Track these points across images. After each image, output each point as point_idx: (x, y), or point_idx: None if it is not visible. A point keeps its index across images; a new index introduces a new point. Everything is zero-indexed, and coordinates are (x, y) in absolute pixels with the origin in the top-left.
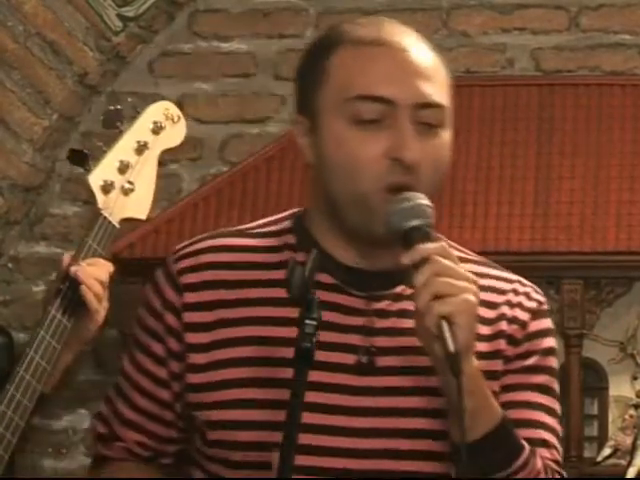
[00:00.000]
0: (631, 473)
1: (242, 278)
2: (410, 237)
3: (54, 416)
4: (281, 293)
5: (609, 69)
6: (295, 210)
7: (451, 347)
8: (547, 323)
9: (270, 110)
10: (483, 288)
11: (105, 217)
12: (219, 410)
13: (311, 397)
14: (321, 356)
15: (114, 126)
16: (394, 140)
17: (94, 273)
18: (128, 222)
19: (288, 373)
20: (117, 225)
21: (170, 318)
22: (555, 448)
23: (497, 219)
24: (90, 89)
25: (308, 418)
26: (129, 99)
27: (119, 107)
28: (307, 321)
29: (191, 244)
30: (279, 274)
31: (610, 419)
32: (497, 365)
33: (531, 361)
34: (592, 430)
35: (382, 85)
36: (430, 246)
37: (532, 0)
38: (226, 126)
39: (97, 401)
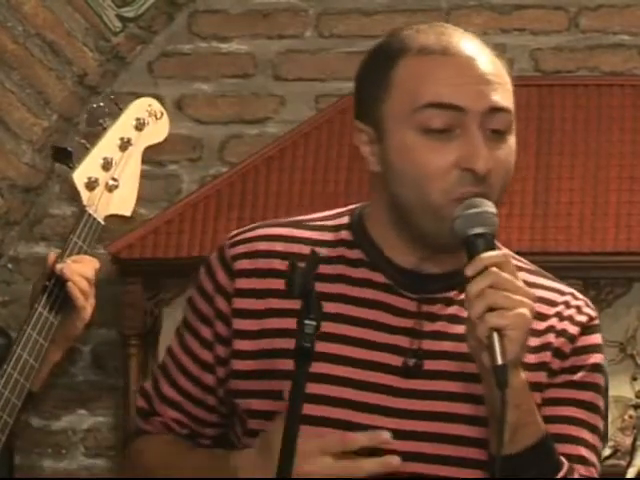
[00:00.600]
0: (631, 474)
1: None
2: (472, 244)
3: (53, 417)
4: (330, 288)
5: (608, 69)
6: (354, 206)
7: (499, 359)
8: (597, 339)
9: (269, 111)
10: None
11: (90, 214)
12: (262, 400)
13: (354, 396)
14: (367, 355)
15: (97, 123)
16: (465, 149)
17: (80, 270)
18: (113, 218)
19: (330, 369)
20: (102, 222)
21: (221, 302)
22: (593, 466)
23: None
24: (90, 90)
25: (350, 416)
26: (111, 96)
27: (102, 104)
28: (307, 321)
29: (247, 231)
30: (330, 269)
31: (610, 420)
32: (541, 377)
33: (577, 376)
34: None
35: (452, 92)
36: (490, 256)
37: (531, 1)
38: (225, 127)
39: (96, 401)
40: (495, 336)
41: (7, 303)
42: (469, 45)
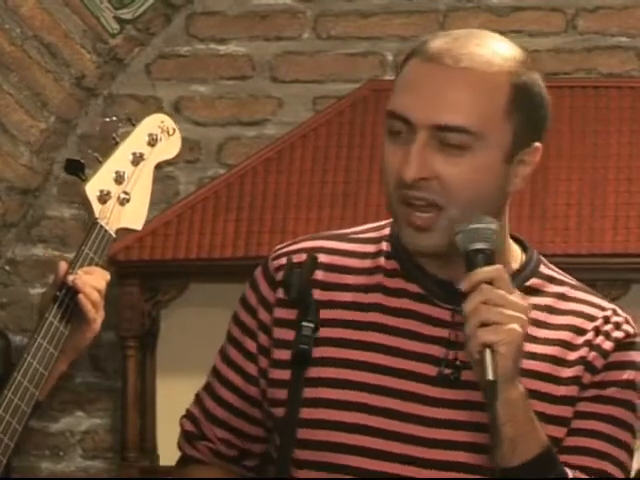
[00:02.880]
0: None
1: (335, 281)
2: (471, 260)
3: (51, 418)
4: (371, 298)
5: (606, 71)
6: None
7: (489, 375)
8: (632, 356)
9: (267, 112)
10: (574, 313)
11: (102, 226)
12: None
13: (388, 403)
14: (402, 364)
15: (110, 137)
16: (402, 156)
17: (91, 281)
18: (124, 232)
19: (366, 377)
20: (114, 235)
21: (262, 313)
22: None
23: None
24: (87, 91)
25: (386, 424)
26: (126, 112)
27: (114, 118)
28: (304, 323)
29: (292, 244)
30: (371, 279)
31: None
32: (574, 391)
33: (607, 391)
34: None
35: (404, 104)
36: (483, 272)
37: (529, 2)
38: (223, 128)
39: (94, 403)
40: (487, 352)
41: (5, 305)
42: (455, 54)
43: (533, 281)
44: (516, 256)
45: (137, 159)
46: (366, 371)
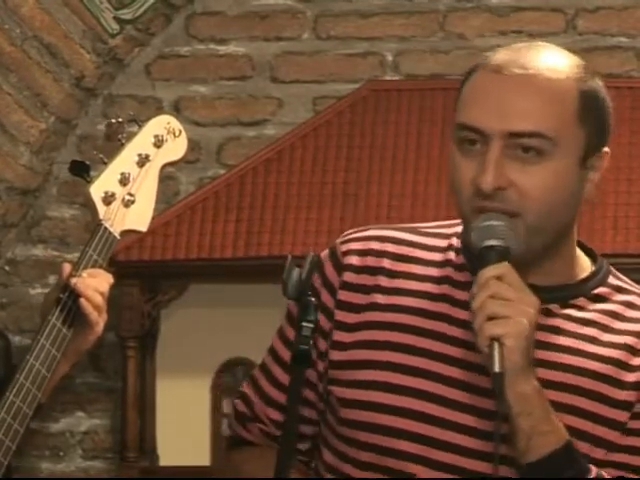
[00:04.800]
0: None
1: (402, 270)
2: (483, 256)
3: (51, 419)
4: (440, 289)
5: (606, 72)
6: None
7: (496, 367)
8: None
9: (267, 113)
10: (638, 320)
11: (106, 228)
12: (354, 389)
13: (423, 407)
14: (466, 356)
15: (115, 138)
16: (478, 167)
17: (94, 284)
18: (128, 234)
19: (424, 364)
20: (118, 236)
21: (325, 296)
22: None
23: None
24: (87, 92)
25: (415, 427)
26: (131, 112)
27: (120, 120)
28: (304, 323)
29: (362, 230)
30: (440, 272)
31: None
32: (634, 396)
33: None
34: None
35: (475, 115)
36: (491, 268)
37: (529, 2)
38: (223, 129)
39: (94, 404)
40: (494, 345)
41: (4, 305)
42: (522, 63)
43: (601, 290)
44: (585, 265)
45: (143, 160)
46: (430, 380)
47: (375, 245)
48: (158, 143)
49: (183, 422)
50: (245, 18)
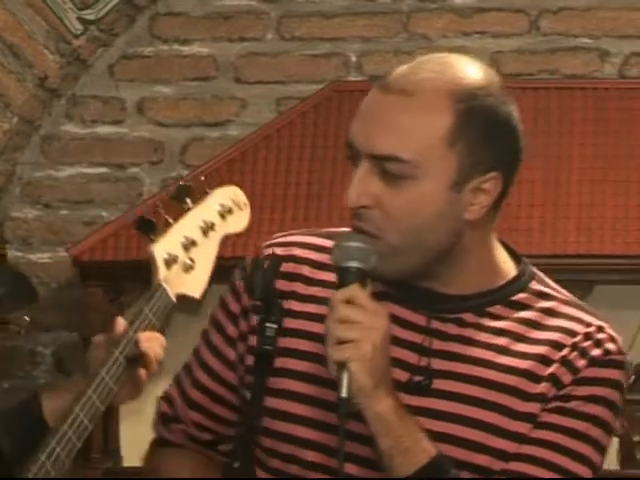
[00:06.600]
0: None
1: (321, 278)
2: (340, 277)
3: None
4: None
5: (569, 72)
6: None
7: (342, 392)
8: (608, 373)
9: (231, 113)
10: (556, 328)
11: (165, 289)
12: (266, 396)
13: (325, 417)
14: None
15: (183, 201)
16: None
17: (155, 348)
18: (182, 299)
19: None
20: (174, 300)
21: (246, 300)
22: None
23: None
24: (50, 92)
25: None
26: (202, 177)
27: (190, 184)
28: (268, 324)
29: (285, 235)
30: None
31: None
32: (537, 408)
33: (571, 404)
34: None
35: (352, 130)
36: (341, 292)
37: (492, 3)
38: (187, 129)
39: None
40: (341, 370)
41: None
42: (405, 81)
43: (520, 296)
44: (507, 271)
45: (207, 228)
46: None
47: (297, 251)
48: (223, 212)
49: (146, 422)
50: (209, 19)
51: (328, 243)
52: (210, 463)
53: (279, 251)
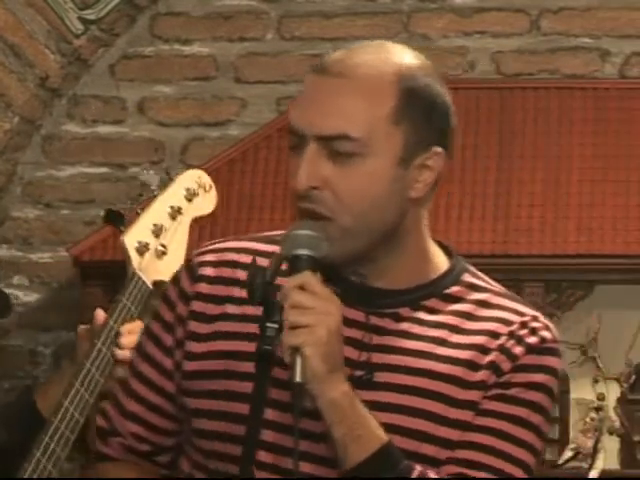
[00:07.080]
0: (592, 476)
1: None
2: (291, 265)
3: None
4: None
5: (570, 72)
6: None
7: (295, 377)
8: (545, 360)
9: (231, 113)
10: (491, 319)
11: (140, 277)
12: (209, 400)
13: (274, 417)
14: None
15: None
16: (296, 169)
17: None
18: (158, 285)
19: (275, 372)
20: (150, 287)
21: (181, 307)
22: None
23: (458, 222)
24: (51, 92)
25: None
26: (163, 167)
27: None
28: (268, 324)
29: (218, 242)
30: (284, 280)
31: (571, 422)
32: (478, 395)
33: (511, 392)
34: (554, 433)
35: (295, 117)
36: (292, 279)
37: (493, 3)
38: (187, 129)
39: None
40: (295, 354)
41: None
42: (345, 64)
43: (454, 289)
44: (439, 264)
45: (175, 213)
46: (279, 367)
47: (231, 256)
48: (189, 196)
49: None
50: (209, 19)
51: (260, 246)
52: (151, 473)
53: (211, 257)
